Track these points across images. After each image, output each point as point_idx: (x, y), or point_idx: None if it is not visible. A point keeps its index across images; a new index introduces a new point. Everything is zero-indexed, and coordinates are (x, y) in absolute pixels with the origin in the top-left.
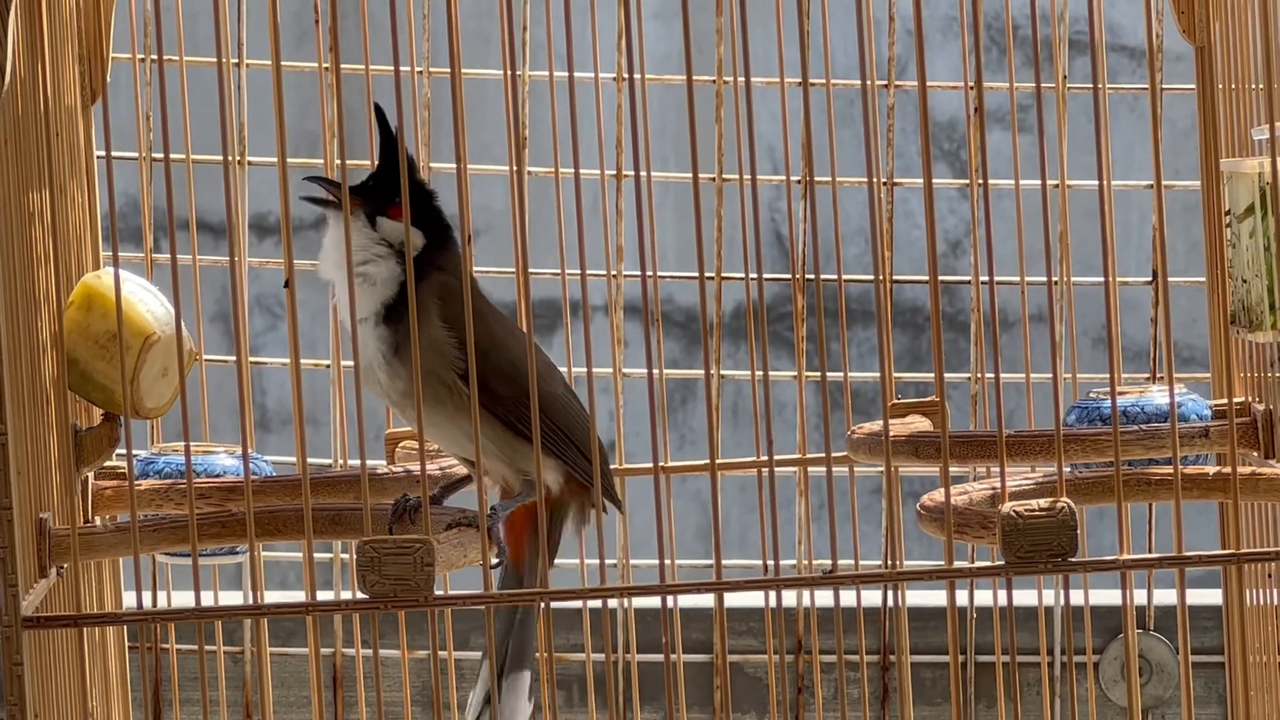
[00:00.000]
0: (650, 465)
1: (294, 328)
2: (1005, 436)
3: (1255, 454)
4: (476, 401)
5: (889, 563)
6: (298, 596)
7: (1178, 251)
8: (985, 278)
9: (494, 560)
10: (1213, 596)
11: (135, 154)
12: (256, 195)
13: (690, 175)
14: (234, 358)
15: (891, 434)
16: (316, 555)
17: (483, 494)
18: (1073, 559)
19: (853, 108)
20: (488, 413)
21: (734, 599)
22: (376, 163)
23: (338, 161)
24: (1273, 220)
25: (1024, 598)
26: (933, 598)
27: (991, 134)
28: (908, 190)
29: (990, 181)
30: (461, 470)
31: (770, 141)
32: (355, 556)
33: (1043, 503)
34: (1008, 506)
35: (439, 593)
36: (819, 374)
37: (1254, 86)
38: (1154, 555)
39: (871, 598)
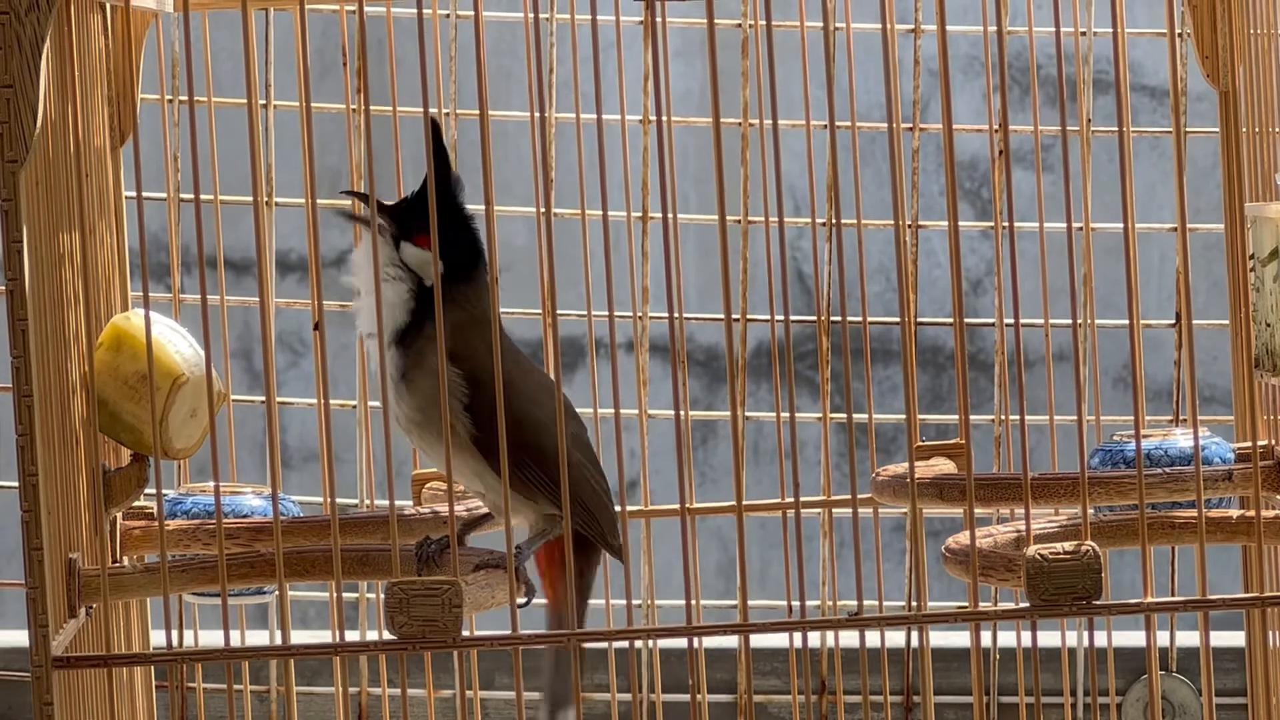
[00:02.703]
0: (675, 506)
1: (323, 372)
2: (1029, 479)
3: (1279, 497)
4: (505, 439)
5: (912, 604)
6: (321, 635)
7: (1198, 290)
8: (1009, 320)
9: (521, 600)
10: (1234, 639)
11: (163, 194)
12: (278, 232)
13: (714, 217)
14: (257, 398)
15: (916, 477)
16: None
17: (510, 534)
18: (1097, 602)
19: (874, 145)
20: (482, 451)
21: (758, 639)
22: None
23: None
24: None
25: (1046, 639)
26: (954, 638)
27: (1013, 173)
28: (928, 229)
29: (1014, 224)
30: (485, 508)
31: (790, 180)
32: (384, 598)
33: (1068, 546)
34: (1033, 549)
35: (466, 634)
36: (842, 415)
37: (1277, 130)
38: (1179, 599)
39: (894, 638)
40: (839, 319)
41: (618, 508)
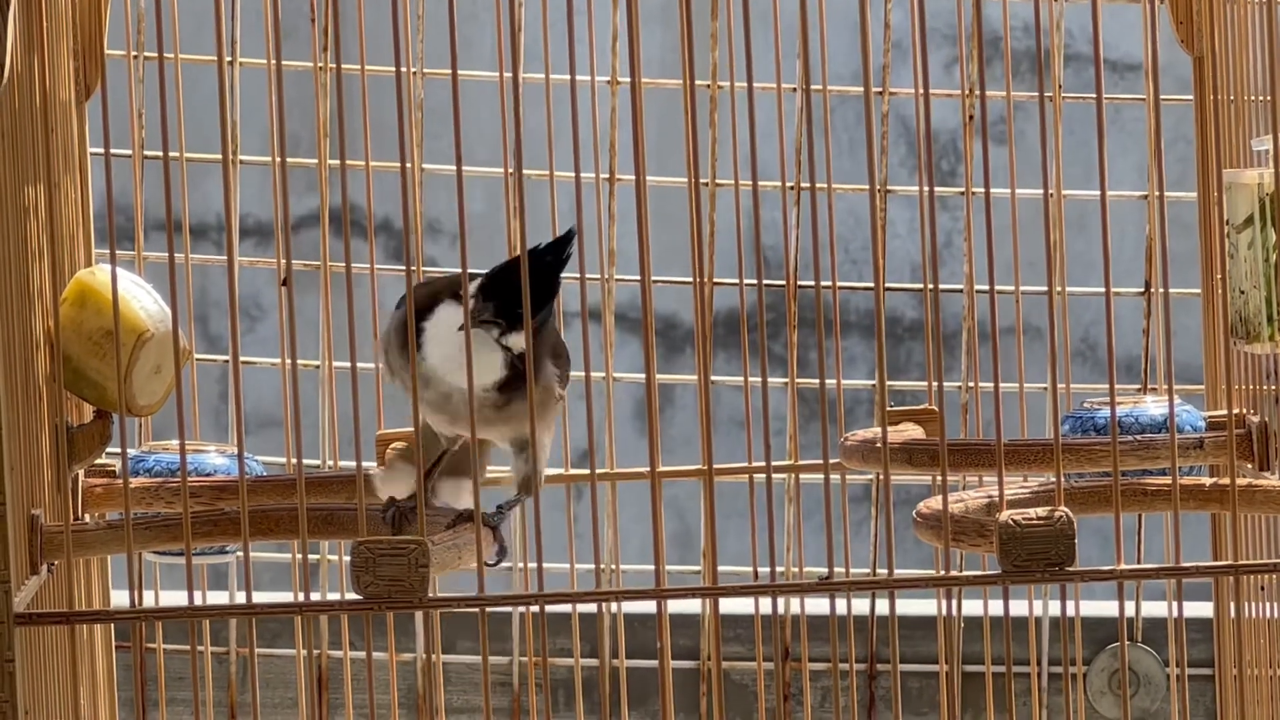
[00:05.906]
0: (642, 469)
1: (291, 328)
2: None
3: (1250, 465)
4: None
5: (877, 569)
6: (283, 596)
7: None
8: (981, 287)
9: (491, 560)
10: (1200, 609)
11: (128, 151)
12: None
13: (678, 180)
14: (213, 358)
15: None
16: (300, 556)
17: (479, 499)
18: (1070, 568)
19: (834, 115)
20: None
21: (721, 605)
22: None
23: (332, 161)
24: (1272, 231)
25: (1011, 607)
26: (918, 606)
27: (976, 143)
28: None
29: (979, 192)
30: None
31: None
32: (350, 557)
33: (1040, 511)
34: (1005, 514)
35: (431, 594)
36: (806, 381)
37: (1252, 98)
38: (1152, 566)
39: (859, 606)
40: (807, 284)
41: (585, 471)
